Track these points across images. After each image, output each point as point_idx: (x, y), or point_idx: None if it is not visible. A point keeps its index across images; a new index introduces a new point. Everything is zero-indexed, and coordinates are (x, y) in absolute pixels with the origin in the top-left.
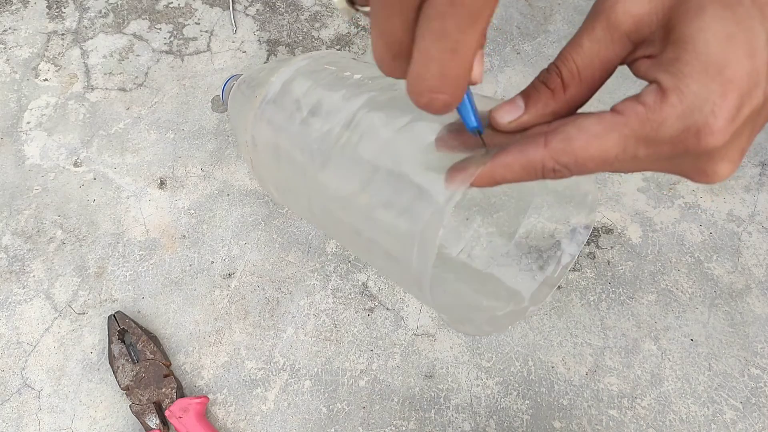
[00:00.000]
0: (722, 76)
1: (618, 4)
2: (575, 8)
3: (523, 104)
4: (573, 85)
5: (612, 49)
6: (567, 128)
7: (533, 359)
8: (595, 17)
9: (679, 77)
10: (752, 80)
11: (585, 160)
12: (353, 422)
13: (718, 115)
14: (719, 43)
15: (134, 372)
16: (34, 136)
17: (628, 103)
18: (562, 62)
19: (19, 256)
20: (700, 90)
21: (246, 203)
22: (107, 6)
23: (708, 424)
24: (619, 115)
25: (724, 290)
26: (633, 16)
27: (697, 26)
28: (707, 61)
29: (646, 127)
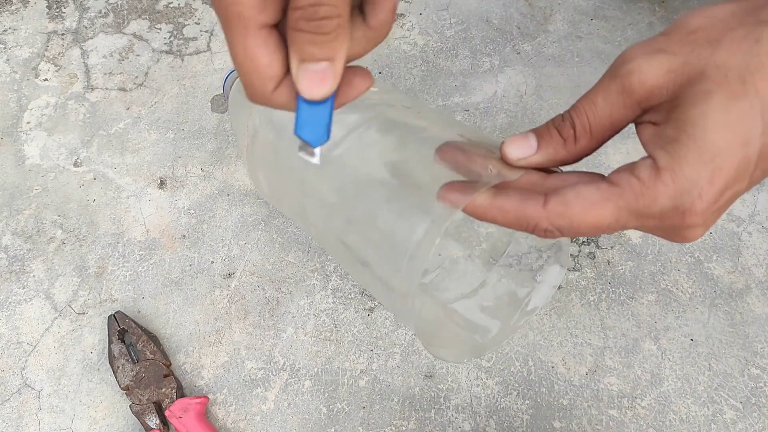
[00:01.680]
0: (713, 163)
1: (634, 74)
2: (575, 8)
3: (535, 144)
4: (583, 139)
5: (623, 112)
6: (566, 193)
7: (533, 359)
8: (611, 79)
9: (674, 158)
10: (741, 168)
11: (579, 226)
12: (353, 422)
13: (703, 198)
14: (717, 132)
15: (134, 372)
16: (34, 136)
17: (624, 175)
18: (577, 115)
19: (19, 256)
20: (691, 174)
21: (246, 203)
22: (107, 6)
23: (708, 424)
24: (615, 187)
25: (724, 290)
26: (646, 87)
27: (700, 111)
28: (702, 147)
29: (639, 202)
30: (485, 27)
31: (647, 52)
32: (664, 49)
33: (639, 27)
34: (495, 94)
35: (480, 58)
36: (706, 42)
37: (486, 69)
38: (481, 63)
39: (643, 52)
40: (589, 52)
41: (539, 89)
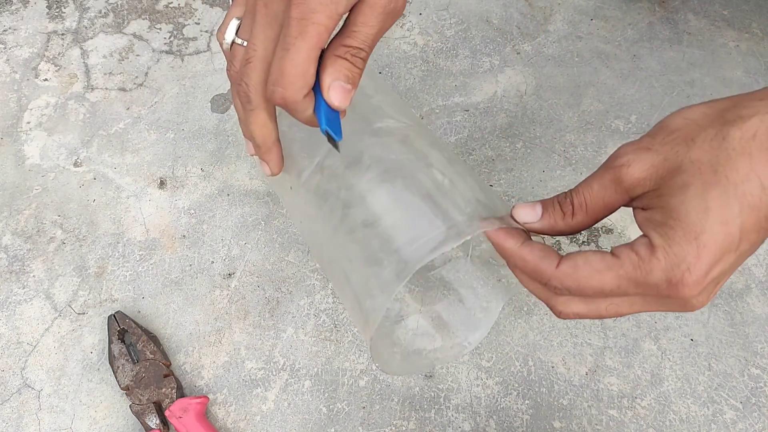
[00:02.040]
0: (698, 241)
1: (624, 167)
2: (575, 8)
3: (540, 213)
4: (580, 215)
5: (614, 197)
6: (576, 258)
7: (533, 359)
8: (606, 170)
9: (665, 239)
10: (725, 243)
11: (585, 288)
12: (353, 422)
13: (692, 271)
14: (697, 215)
15: (134, 372)
16: (34, 136)
17: (624, 250)
18: (576, 195)
19: (19, 256)
20: (679, 251)
21: (246, 203)
22: (107, 6)
23: (708, 424)
24: (617, 259)
25: (724, 290)
26: (634, 178)
27: (680, 200)
28: (687, 228)
29: (637, 273)
30: (485, 27)
31: (635, 150)
32: (649, 148)
33: (639, 27)
34: (495, 94)
35: (480, 58)
36: (683, 141)
37: (486, 69)
38: (481, 63)
39: (633, 149)
40: (589, 52)
41: (539, 89)
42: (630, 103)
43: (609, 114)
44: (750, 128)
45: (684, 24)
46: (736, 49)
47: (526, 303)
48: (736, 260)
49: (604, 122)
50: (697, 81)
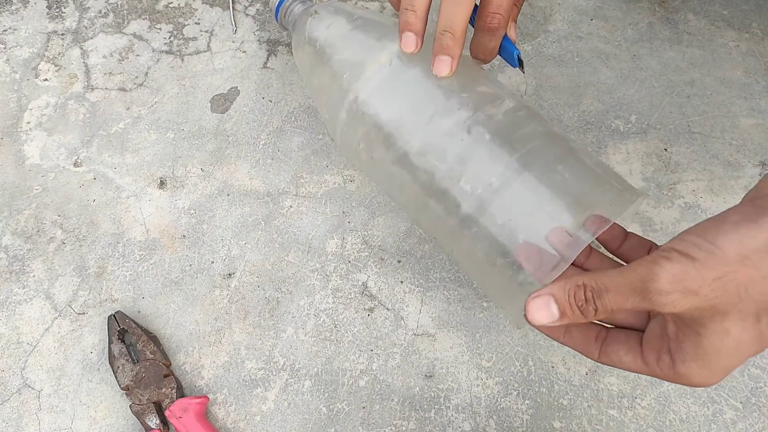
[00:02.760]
0: (717, 374)
1: (667, 306)
2: (575, 8)
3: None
4: (602, 315)
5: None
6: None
7: (533, 359)
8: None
9: (687, 369)
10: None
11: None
12: (353, 422)
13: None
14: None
15: (134, 372)
16: (34, 136)
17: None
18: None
19: (19, 256)
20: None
21: (246, 203)
22: (107, 6)
23: (708, 424)
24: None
25: None
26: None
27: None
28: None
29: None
30: None
31: (682, 291)
32: (696, 292)
33: (639, 27)
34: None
35: None
36: (736, 290)
37: (486, 69)
38: None
39: (678, 290)
40: (589, 52)
41: (539, 89)
42: (630, 103)
43: (609, 114)
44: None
45: (684, 24)
46: (736, 49)
47: None
48: None
49: (604, 122)
50: (697, 81)
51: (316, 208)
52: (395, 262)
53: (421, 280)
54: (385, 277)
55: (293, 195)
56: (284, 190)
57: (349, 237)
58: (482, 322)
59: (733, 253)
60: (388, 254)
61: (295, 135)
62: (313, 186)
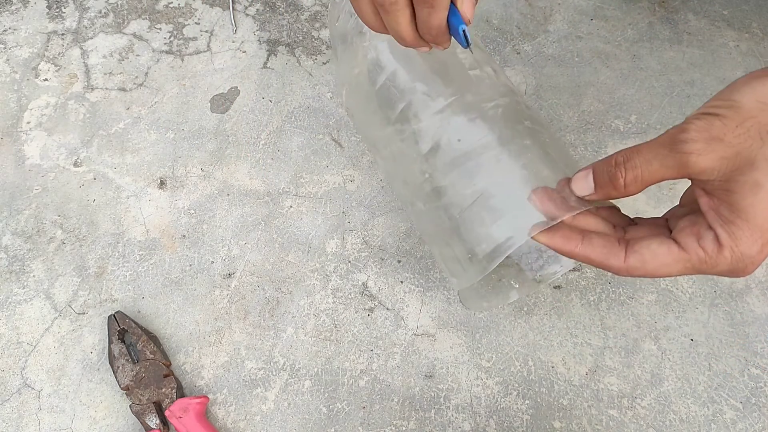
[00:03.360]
0: (762, 239)
1: (693, 155)
2: (575, 8)
3: (593, 185)
4: (633, 188)
5: (673, 175)
6: (644, 252)
7: (533, 359)
8: (671, 152)
9: (732, 238)
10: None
11: (651, 276)
12: (353, 422)
13: (755, 263)
14: (766, 218)
15: (134, 372)
16: (34, 136)
17: (692, 244)
18: (632, 168)
19: (19, 256)
20: (746, 250)
21: (246, 203)
22: (107, 6)
23: (708, 424)
24: (684, 252)
25: (724, 290)
26: (701, 167)
27: (750, 201)
28: (754, 229)
29: (703, 266)
30: (485, 27)
31: (708, 140)
32: (722, 138)
33: (639, 27)
34: None
35: None
36: (758, 134)
37: None
38: None
39: (705, 138)
40: (589, 52)
41: (539, 89)
42: (630, 103)
43: (609, 114)
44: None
45: (684, 24)
46: (736, 49)
47: (526, 303)
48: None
49: (604, 122)
50: (697, 81)
51: (316, 208)
52: (395, 262)
53: (421, 280)
54: (385, 277)
55: (293, 195)
56: (284, 190)
57: (349, 237)
58: (482, 322)
59: (752, 102)
60: (388, 254)
61: (295, 135)
62: (313, 186)
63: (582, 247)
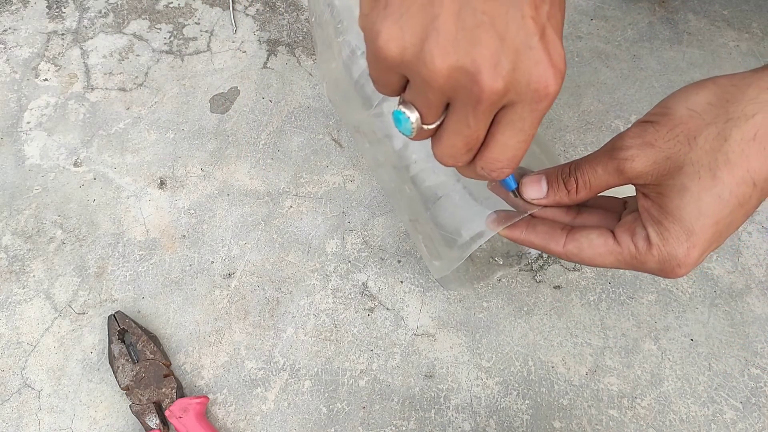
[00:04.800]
0: (689, 242)
1: (627, 161)
2: (575, 8)
3: (545, 189)
4: (583, 192)
5: (617, 181)
6: (580, 239)
7: (533, 359)
8: (610, 158)
9: (660, 238)
10: (713, 239)
11: (587, 263)
12: (353, 422)
13: (681, 265)
14: (691, 219)
15: (134, 372)
16: (34, 136)
17: (625, 239)
18: (580, 175)
19: (19, 256)
20: (672, 251)
21: (246, 203)
22: (107, 6)
23: (708, 424)
24: (618, 246)
25: (724, 290)
26: (636, 172)
27: (677, 204)
28: (680, 231)
29: (633, 261)
30: None
31: (640, 145)
32: (653, 144)
33: (639, 27)
34: None
35: None
36: (686, 139)
37: None
38: None
39: (638, 144)
40: (589, 52)
41: None
42: (630, 103)
43: (609, 114)
44: (751, 129)
45: (684, 24)
46: (736, 49)
47: (526, 303)
48: (721, 243)
49: (604, 122)
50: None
51: (316, 208)
52: (395, 262)
53: (421, 280)
54: (385, 277)
55: (293, 195)
56: (284, 190)
57: (349, 237)
58: (482, 322)
59: (683, 110)
60: (388, 254)
61: (295, 135)
62: (313, 186)
63: (526, 233)
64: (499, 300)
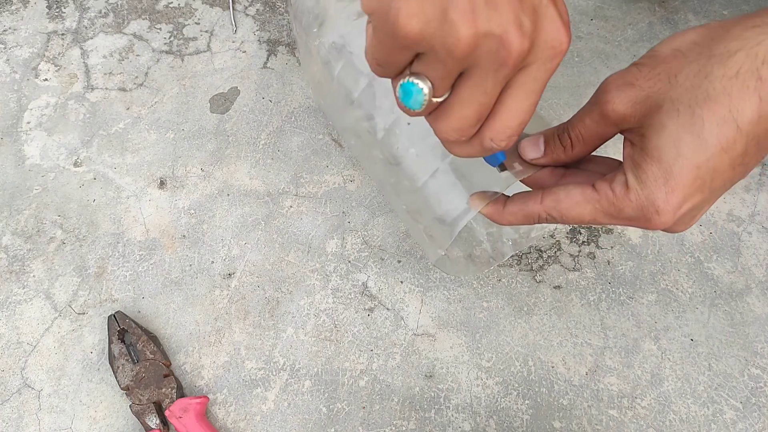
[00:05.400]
0: (667, 186)
1: (609, 104)
2: (575, 8)
3: (543, 148)
4: (578, 146)
5: (605, 129)
6: (558, 191)
7: (533, 359)
8: (594, 105)
9: (638, 181)
10: (695, 186)
11: (567, 217)
12: (353, 422)
13: (660, 213)
14: (669, 159)
15: (134, 372)
16: (34, 136)
17: (604, 185)
18: (572, 129)
19: (19, 256)
20: (650, 195)
21: (246, 203)
22: (107, 6)
23: (708, 424)
24: (595, 193)
25: (724, 290)
26: (618, 114)
27: (655, 143)
28: (658, 173)
29: (611, 209)
30: None
31: (620, 85)
32: (633, 83)
33: (639, 27)
34: None
35: None
36: (666, 77)
37: None
38: None
39: (617, 84)
40: (589, 52)
41: None
42: None
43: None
44: (734, 65)
45: (684, 24)
46: None
47: (526, 303)
48: (709, 196)
49: None
50: None
51: (316, 208)
52: (395, 262)
53: (421, 280)
54: (385, 277)
55: (293, 195)
56: (284, 190)
57: (349, 237)
58: (482, 322)
59: (667, 51)
60: (388, 254)
61: (295, 135)
62: (313, 186)
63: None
64: (499, 300)
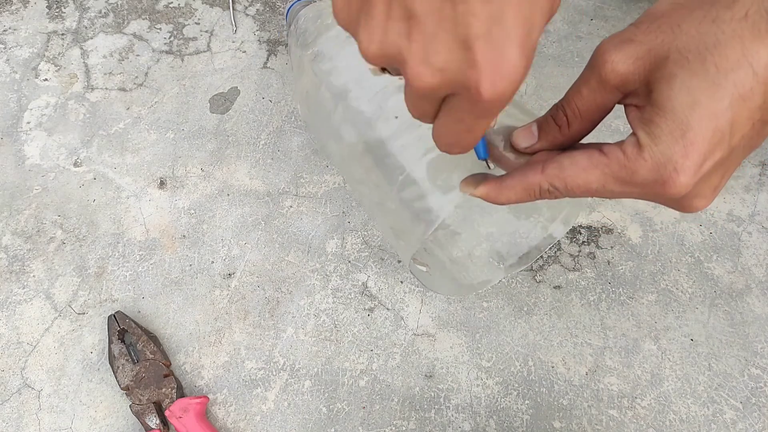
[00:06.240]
0: (685, 139)
1: (607, 64)
2: (575, 8)
3: (536, 133)
4: (575, 123)
5: (605, 96)
6: (562, 158)
7: (533, 359)
8: (590, 71)
9: (651, 137)
10: (714, 139)
11: (572, 187)
12: (353, 422)
13: (679, 171)
14: (684, 110)
15: (134, 372)
16: (34, 136)
17: (613, 148)
18: (567, 104)
19: (19, 256)
20: (666, 150)
21: (246, 203)
22: (107, 6)
23: (708, 424)
24: (604, 156)
25: (724, 290)
26: (620, 75)
27: (666, 94)
28: (673, 126)
29: (622, 172)
30: None
31: (617, 44)
32: (632, 39)
33: None
34: None
35: None
36: (669, 28)
37: None
38: None
39: (614, 43)
40: (589, 52)
41: (539, 89)
42: None
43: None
44: (741, 7)
45: None
46: None
47: (526, 303)
48: (729, 155)
49: (603, 122)
50: None
51: (316, 208)
52: (395, 262)
53: None
54: (385, 277)
55: (293, 195)
56: (284, 190)
57: (349, 237)
58: (482, 322)
59: (666, 6)
60: (388, 254)
61: (295, 135)
62: (313, 186)
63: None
64: (499, 300)
